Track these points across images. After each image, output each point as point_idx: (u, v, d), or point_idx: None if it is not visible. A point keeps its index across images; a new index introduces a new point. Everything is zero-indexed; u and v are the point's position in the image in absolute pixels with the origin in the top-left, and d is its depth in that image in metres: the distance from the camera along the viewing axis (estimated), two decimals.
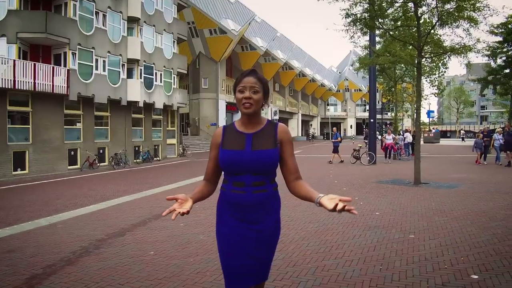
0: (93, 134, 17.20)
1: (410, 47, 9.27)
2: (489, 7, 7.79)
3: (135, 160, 19.32)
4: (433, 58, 10.06)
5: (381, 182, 9.44)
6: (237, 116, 40.17)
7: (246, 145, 1.66)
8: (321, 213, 5.61)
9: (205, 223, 5.38)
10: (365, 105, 61.20)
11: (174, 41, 22.41)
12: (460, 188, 8.04)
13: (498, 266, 3.39)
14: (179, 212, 1.52)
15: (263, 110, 1.74)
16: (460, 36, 8.40)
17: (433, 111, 53.20)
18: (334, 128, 14.78)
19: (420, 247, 3.98)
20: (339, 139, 14.87)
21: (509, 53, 16.41)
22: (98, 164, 16.69)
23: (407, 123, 62.01)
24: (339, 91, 66.80)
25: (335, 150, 14.67)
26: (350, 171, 12.39)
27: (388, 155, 14.81)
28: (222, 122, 33.78)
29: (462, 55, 8.93)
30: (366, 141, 17.07)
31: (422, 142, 35.32)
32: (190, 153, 24.93)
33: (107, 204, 7.25)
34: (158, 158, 21.27)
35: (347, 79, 64.62)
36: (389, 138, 14.57)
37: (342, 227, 4.89)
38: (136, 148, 20.11)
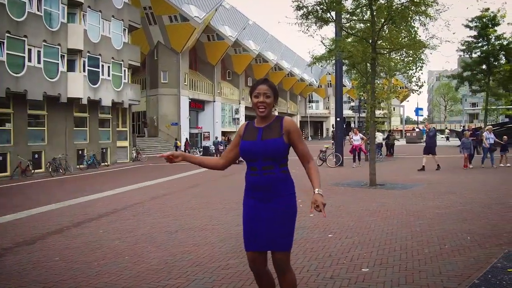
0: (26, 136, 17.06)
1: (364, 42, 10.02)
2: (437, 3, 8.66)
3: (78, 166, 19.27)
4: (388, 54, 10.89)
5: (337, 184, 10.15)
6: (203, 114, 40.49)
7: (258, 136, 2.37)
8: None
9: (125, 229, 5.78)
10: (349, 102, 62.96)
11: (124, 29, 22.52)
12: (412, 189, 8.85)
13: (394, 260, 4.03)
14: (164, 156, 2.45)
15: (275, 110, 2.49)
16: (412, 32, 9.23)
17: (421, 109, 55.58)
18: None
19: (331, 246, 4.58)
20: None
21: (484, 48, 17.69)
22: (33, 171, 16.57)
23: (395, 122, 64.41)
24: (321, 87, 68.39)
25: None
26: None
27: (357, 158, 15.30)
28: (184, 121, 33.96)
29: (419, 51, 9.79)
30: (333, 141, 17.88)
31: (404, 142, 37.14)
32: (145, 157, 25.00)
33: (27, 213, 7.48)
34: (106, 163, 21.28)
35: (329, 73, 66.25)
36: (356, 139, 15.15)
37: None
38: (80, 152, 20.06)
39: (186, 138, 32.32)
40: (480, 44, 17.96)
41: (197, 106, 38.60)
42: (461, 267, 3.79)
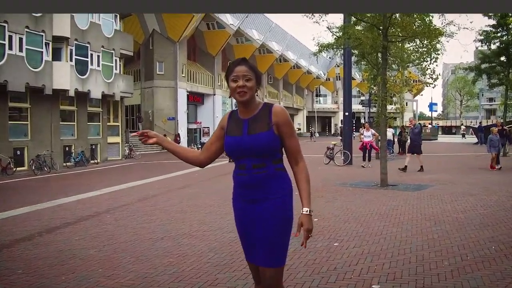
0: (7, 131, 16.83)
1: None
2: None
3: (64, 164, 19.03)
4: (399, 42, 10.49)
5: (344, 184, 9.81)
6: (202, 108, 40.14)
7: (243, 130, 2.12)
8: None
9: (104, 235, 5.48)
10: (359, 97, 62.43)
11: (116, 16, 22.20)
12: (427, 190, 8.51)
13: (409, 274, 3.70)
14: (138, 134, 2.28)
15: (257, 95, 2.16)
16: (426, 20, 8.87)
17: (436, 104, 54.89)
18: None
19: (336, 256, 4.25)
20: None
21: (504, 38, 17.23)
22: (14, 169, 16.34)
23: (408, 117, 63.77)
24: (329, 80, 67.81)
25: None
26: (319, 172, 12.75)
27: (368, 157, 14.68)
28: (182, 115, 33.66)
29: (434, 41, 9.43)
30: (341, 138, 17.51)
31: None
32: (139, 154, 24.76)
33: None
34: (95, 161, 21.03)
35: (338, 65, 65.44)
36: (367, 135, 14.61)
37: None
38: (67, 149, 19.82)
39: (178, 133, 32.00)
40: (499, 34, 17.52)
41: (195, 99, 38.27)
42: (486, 282, 3.47)
